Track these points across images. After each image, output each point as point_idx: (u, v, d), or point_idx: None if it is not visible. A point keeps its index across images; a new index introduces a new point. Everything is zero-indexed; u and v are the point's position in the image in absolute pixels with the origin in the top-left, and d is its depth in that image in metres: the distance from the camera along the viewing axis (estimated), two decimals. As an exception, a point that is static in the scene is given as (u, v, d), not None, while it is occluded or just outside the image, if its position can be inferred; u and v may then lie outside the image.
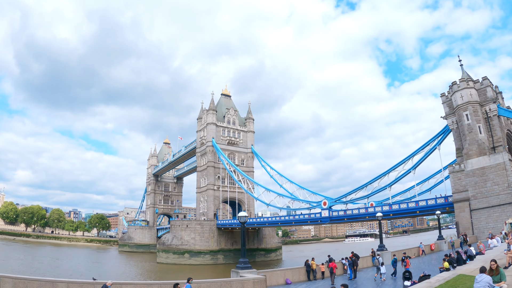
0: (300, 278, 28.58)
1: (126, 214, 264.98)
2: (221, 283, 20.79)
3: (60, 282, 18.85)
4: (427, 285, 16.97)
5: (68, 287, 18.74)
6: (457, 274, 18.40)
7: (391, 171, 67.10)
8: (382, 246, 37.99)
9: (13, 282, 18.43)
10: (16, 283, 18.49)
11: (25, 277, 19.46)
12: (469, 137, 53.14)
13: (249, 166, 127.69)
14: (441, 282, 17.05)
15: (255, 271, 23.65)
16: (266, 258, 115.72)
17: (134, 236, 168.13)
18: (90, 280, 20.05)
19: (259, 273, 23.53)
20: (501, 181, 48.27)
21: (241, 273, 22.85)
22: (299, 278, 28.40)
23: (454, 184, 53.78)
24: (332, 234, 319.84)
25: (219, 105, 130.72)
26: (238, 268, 23.99)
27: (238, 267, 24.20)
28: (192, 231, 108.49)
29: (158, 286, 20.83)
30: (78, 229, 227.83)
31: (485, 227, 47.84)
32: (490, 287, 10.49)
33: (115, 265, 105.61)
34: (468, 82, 54.56)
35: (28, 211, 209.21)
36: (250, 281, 21.00)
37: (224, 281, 21.16)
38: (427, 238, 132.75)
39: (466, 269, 19.92)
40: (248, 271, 23.26)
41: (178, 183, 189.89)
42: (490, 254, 24.54)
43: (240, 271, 23.16)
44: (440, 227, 53.59)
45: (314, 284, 27.11)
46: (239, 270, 23.54)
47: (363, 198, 71.55)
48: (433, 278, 18.53)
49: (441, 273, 19.89)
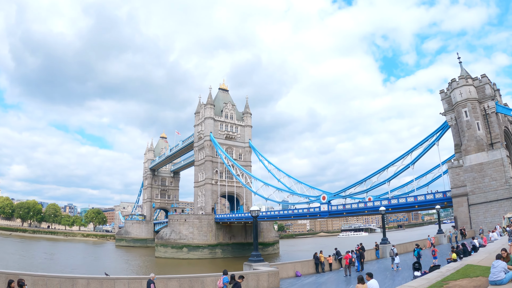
0: (309, 271, 29.38)
1: (123, 208, 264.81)
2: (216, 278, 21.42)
3: (80, 278, 19.30)
4: (438, 274, 17.68)
5: (88, 283, 19.14)
6: (465, 264, 19.11)
7: (390, 166, 68.08)
8: (385, 240, 38.94)
9: (32, 280, 18.63)
10: (36, 281, 18.70)
11: (44, 274, 19.69)
12: (468, 134, 54.14)
13: (247, 160, 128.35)
14: (452, 271, 17.78)
15: (267, 264, 24.39)
16: (264, 252, 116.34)
17: (131, 230, 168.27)
18: (111, 276, 20.52)
19: (271, 266, 24.24)
20: (498, 177, 49.38)
21: (254, 266, 23.53)
22: (308, 270, 29.19)
23: (453, 179, 54.87)
24: (327, 228, 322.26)
25: (216, 99, 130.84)
26: (251, 261, 24.69)
27: (250, 260, 24.88)
28: (191, 225, 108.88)
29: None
30: (74, 224, 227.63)
31: (483, 221, 49.00)
32: (505, 271, 11.35)
33: (114, 260, 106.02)
34: (467, 79, 55.47)
35: (24, 206, 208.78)
36: (265, 274, 21.75)
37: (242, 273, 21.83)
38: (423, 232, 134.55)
39: (473, 259, 20.67)
40: (260, 264, 23.97)
41: (175, 177, 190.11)
42: (491, 246, 25.77)
43: (253, 264, 23.86)
44: (440, 221, 54.78)
45: (323, 276, 27.93)
46: (252, 263, 24.24)
47: (361, 193, 72.55)
48: (443, 268, 19.27)
49: (450, 264, 20.72)
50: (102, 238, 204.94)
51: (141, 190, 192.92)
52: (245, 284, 21.10)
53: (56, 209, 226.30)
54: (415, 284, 15.71)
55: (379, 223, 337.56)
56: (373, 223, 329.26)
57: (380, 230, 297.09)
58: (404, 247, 41.02)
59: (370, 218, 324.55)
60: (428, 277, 17.32)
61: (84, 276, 19.74)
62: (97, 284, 19.09)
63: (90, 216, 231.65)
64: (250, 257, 25.26)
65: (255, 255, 24.97)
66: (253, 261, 24.55)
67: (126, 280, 19.82)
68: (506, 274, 11.26)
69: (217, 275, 19.81)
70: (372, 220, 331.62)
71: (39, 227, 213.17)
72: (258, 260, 24.52)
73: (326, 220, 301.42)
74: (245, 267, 25.12)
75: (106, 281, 19.42)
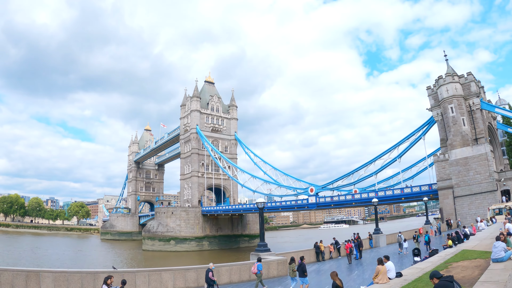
0: (311, 259, 30.61)
1: (106, 201, 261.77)
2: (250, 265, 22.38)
3: (101, 272, 19.71)
4: (440, 258, 19.16)
5: None
6: (461, 250, 20.71)
7: (377, 159, 69.94)
8: (378, 230, 40.74)
9: (53, 276, 19.00)
10: (57, 277, 19.04)
11: (65, 270, 20.13)
12: (454, 129, 56.21)
13: (233, 153, 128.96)
14: (451, 255, 19.33)
15: (273, 254, 25.43)
16: (250, 244, 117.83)
17: (116, 224, 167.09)
18: (131, 269, 21.03)
19: (277, 255, 25.26)
20: (483, 171, 51.67)
21: (262, 255, 24.43)
22: (309, 259, 30.36)
23: (439, 172, 57.01)
24: (310, 220, 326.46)
25: (202, 92, 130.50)
26: (258, 251, 25.68)
27: (257, 250, 25.91)
28: (178, 218, 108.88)
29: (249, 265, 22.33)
30: (58, 218, 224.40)
31: (468, 213, 51.26)
32: (505, 250, 13.20)
33: (101, 253, 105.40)
34: (453, 76, 57.41)
35: (6, 201, 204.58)
36: (274, 262, 22.88)
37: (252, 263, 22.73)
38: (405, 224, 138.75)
39: (467, 245, 22.38)
40: (267, 254, 24.99)
41: (159, 170, 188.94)
42: (480, 234, 28.43)
43: (261, 254, 24.79)
44: (427, 213, 57.06)
45: (324, 264, 29.21)
46: (260, 253, 25.18)
47: (349, 185, 74.32)
48: (442, 253, 20.85)
49: (446, 250, 22.58)
50: (86, 232, 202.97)
51: (126, 183, 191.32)
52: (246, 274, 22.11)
53: (39, 203, 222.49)
54: (423, 266, 17.14)
55: (361, 215, 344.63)
56: (356, 215, 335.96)
57: (362, 222, 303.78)
58: (394, 237, 42.95)
59: (352, 211, 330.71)
60: (431, 260, 18.84)
61: (105, 271, 20.27)
62: (118, 278, 19.41)
63: (73, 210, 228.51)
64: (257, 247, 26.28)
65: (262, 245, 25.99)
66: (260, 251, 25.57)
67: (146, 273, 20.49)
68: (505, 252, 13.12)
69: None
70: (354, 213, 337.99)
71: (22, 222, 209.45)
72: (265, 250, 25.56)
73: (309, 212, 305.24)
74: (252, 257, 26.03)
75: (127, 274, 19.97)
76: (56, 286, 18.78)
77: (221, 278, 21.65)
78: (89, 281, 19.23)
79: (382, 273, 13.66)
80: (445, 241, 26.42)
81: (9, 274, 18.37)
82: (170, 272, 20.75)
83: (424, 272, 15.68)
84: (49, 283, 18.69)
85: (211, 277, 18.96)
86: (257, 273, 20.32)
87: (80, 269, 20.36)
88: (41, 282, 18.61)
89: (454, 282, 8.18)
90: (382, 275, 13.63)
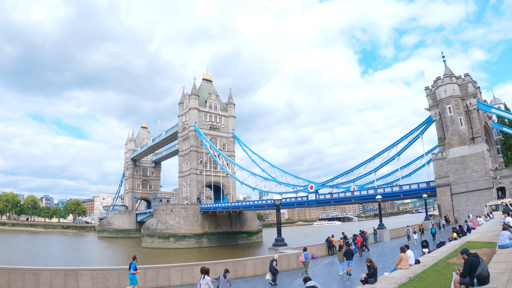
0: (323, 253, 32.25)
1: (102, 199, 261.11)
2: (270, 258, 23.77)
3: (138, 269, 20.77)
4: (448, 248, 20.98)
5: (145, 273, 20.80)
6: (465, 241, 22.46)
7: (376, 157, 71.82)
8: (382, 225, 42.56)
9: (91, 274, 19.83)
10: (95, 275, 19.88)
11: (103, 267, 21.18)
12: (451, 128, 58.21)
13: (231, 150, 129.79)
14: (457, 246, 21.16)
15: (290, 247, 26.92)
16: (248, 241, 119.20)
17: (114, 221, 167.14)
18: (165, 265, 22.18)
19: (293, 249, 26.77)
20: (479, 169, 53.79)
21: (280, 249, 25.93)
22: (322, 253, 32.02)
23: (437, 170, 59.00)
24: (305, 217, 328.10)
25: (200, 90, 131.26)
26: (276, 245, 27.13)
27: (275, 244, 27.36)
28: (177, 215, 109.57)
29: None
30: (54, 216, 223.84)
31: (465, 209, 53.29)
32: (510, 238, 15.35)
33: (101, 251, 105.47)
34: (451, 77, 59.41)
35: (2, 199, 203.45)
36: (294, 255, 24.48)
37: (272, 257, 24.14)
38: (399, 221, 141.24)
39: (470, 238, 24.24)
40: (285, 248, 26.50)
41: (156, 168, 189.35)
42: (481, 228, 30.60)
43: (279, 248, 26.29)
44: (426, 209, 59.09)
45: (335, 257, 30.75)
46: (277, 247, 26.67)
47: (348, 183, 76.08)
48: (449, 244, 22.66)
49: (452, 241, 24.52)
50: (83, 230, 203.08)
51: (122, 181, 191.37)
52: (277, 265, 23.58)
53: (35, 201, 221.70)
54: (436, 254, 18.97)
55: (356, 212, 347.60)
56: (350, 212, 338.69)
57: (357, 219, 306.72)
58: (397, 232, 44.87)
59: (347, 208, 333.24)
60: (441, 250, 20.64)
61: (142, 267, 21.07)
62: (153, 274, 20.94)
63: (69, 208, 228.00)
64: (275, 242, 27.71)
65: (279, 239, 27.46)
66: (278, 245, 27.04)
67: (180, 267, 21.76)
68: (510, 240, 15.33)
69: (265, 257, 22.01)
70: (349, 210, 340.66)
71: (18, 220, 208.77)
72: (283, 244, 27.06)
73: (304, 209, 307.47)
74: (270, 251, 27.45)
75: (162, 269, 21.29)
76: (94, 283, 19.56)
77: (247, 271, 23.07)
78: (126, 277, 19.90)
79: (404, 259, 15.25)
80: (450, 234, 28.16)
81: (47, 273, 18.98)
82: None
83: (438, 259, 17.40)
84: (87, 281, 19.42)
85: (275, 266, 20.72)
86: (304, 261, 22.56)
87: (117, 266, 21.48)
88: (79, 280, 19.34)
89: (479, 258, 9.79)
90: (404, 262, 15.21)
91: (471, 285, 9.56)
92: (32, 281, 18.37)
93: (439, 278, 12.83)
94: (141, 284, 20.31)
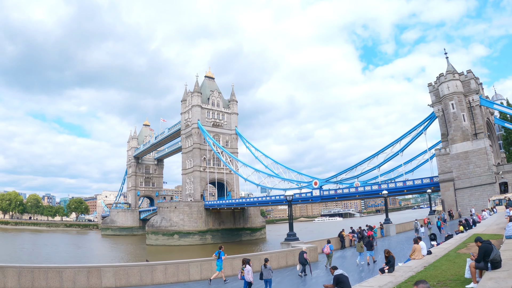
0: (336, 246, 32.99)
1: (105, 197, 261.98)
2: (287, 252, 24.77)
3: (158, 264, 21.62)
4: (456, 240, 21.92)
5: (166, 268, 21.48)
6: (472, 234, 23.32)
7: (380, 153, 72.68)
8: (388, 220, 43.60)
9: (113, 271, 20.29)
10: (117, 271, 20.35)
11: (125, 264, 21.83)
12: (454, 124, 59.06)
13: (234, 147, 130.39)
14: (465, 238, 22.13)
15: (302, 242, 27.79)
16: (252, 237, 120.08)
17: (117, 219, 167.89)
18: (184, 260, 22.92)
19: (305, 243, 27.66)
20: (482, 164, 54.68)
21: (292, 244, 26.82)
22: (335, 246, 32.77)
23: (440, 166, 59.89)
24: (307, 213, 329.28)
25: (203, 87, 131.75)
26: (287, 240, 28.02)
27: (287, 239, 28.25)
28: (181, 212, 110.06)
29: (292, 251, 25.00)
30: (56, 214, 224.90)
31: (468, 204, 54.19)
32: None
33: (107, 249, 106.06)
34: (454, 74, 60.20)
35: (5, 198, 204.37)
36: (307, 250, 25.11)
37: (289, 251, 25.13)
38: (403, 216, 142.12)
39: (476, 230, 25.14)
40: (297, 242, 27.38)
41: (158, 165, 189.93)
42: (485, 222, 31.92)
43: (291, 242, 27.17)
44: (431, 204, 59.86)
45: (346, 251, 31.72)
46: (290, 242, 27.57)
47: (352, 178, 76.96)
48: (456, 237, 23.61)
49: (459, 234, 25.41)
50: (85, 228, 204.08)
51: (125, 178, 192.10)
52: (291, 259, 24.48)
53: (38, 200, 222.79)
54: (445, 246, 19.88)
55: (357, 208, 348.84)
56: (352, 208, 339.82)
57: (359, 215, 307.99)
58: (402, 227, 45.89)
59: (349, 203, 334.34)
60: (450, 242, 21.59)
61: (161, 263, 21.99)
62: (173, 269, 21.53)
63: (72, 206, 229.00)
64: (287, 237, 28.58)
65: (291, 234, 28.32)
66: (290, 240, 27.91)
67: (199, 263, 22.50)
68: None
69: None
70: (351, 205, 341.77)
71: (21, 219, 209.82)
72: (295, 238, 27.93)
73: (306, 205, 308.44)
74: (282, 246, 28.33)
75: (182, 264, 21.95)
76: (116, 279, 20.02)
77: (272, 264, 23.85)
78: (147, 273, 20.79)
79: (418, 250, 16.13)
80: (457, 227, 29.08)
81: (70, 271, 19.38)
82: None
83: (448, 250, 18.33)
84: (110, 277, 19.87)
85: (306, 258, 21.77)
86: (329, 253, 24.06)
87: (139, 263, 22.13)
88: (102, 276, 19.75)
89: (492, 245, 10.67)
90: (418, 252, 16.09)
91: (485, 269, 10.41)
92: (56, 279, 18.80)
93: (452, 266, 13.73)
94: (162, 279, 21.08)
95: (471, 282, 10.47)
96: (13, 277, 18.23)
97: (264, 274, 17.16)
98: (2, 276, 18.10)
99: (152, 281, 20.82)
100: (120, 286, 20.05)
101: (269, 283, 17.18)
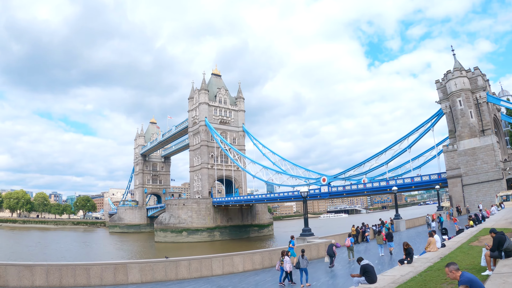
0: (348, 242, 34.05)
1: (112, 195, 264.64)
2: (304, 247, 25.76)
3: (182, 260, 22.48)
4: (467, 234, 22.92)
5: (189, 264, 22.31)
6: (482, 228, 24.29)
7: (388, 150, 73.54)
8: (398, 215, 44.63)
9: (139, 267, 21.11)
10: (143, 267, 21.13)
11: (150, 260, 22.56)
12: (462, 121, 59.79)
13: (241, 144, 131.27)
14: (475, 232, 23.03)
15: (317, 237, 28.85)
16: (260, 234, 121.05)
17: (124, 216, 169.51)
18: (207, 255, 23.88)
19: (320, 238, 28.72)
20: (489, 160, 55.44)
21: (308, 239, 27.91)
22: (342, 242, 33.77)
23: (448, 162, 60.67)
24: (313, 210, 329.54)
25: (210, 84, 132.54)
26: (302, 235, 29.10)
27: (302, 234, 29.32)
28: (189, 209, 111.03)
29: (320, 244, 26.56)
30: (64, 212, 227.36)
31: (475, 200, 54.98)
32: None
33: (116, 246, 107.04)
34: (461, 71, 60.86)
35: (13, 197, 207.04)
36: (322, 244, 26.44)
37: (305, 246, 26.14)
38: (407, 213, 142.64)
39: (485, 225, 26.04)
40: (312, 237, 28.45)
41: (165, 163, 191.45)
42: (494, 217, 32.78)
43: (307, 238, 28.26)
44: (439, 200, 60.78)
45: (358, 246, 32.70)
46: (305, 237, 28.65)
47: (361, 175, 77.80)
48: (467, 231, 24.55)
49: (469, 229, 26.26)
50: (93, 226, 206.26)
51: (132, 176, 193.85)
52: (308, 253, 25.52)
53: (45, 198, 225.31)
54: (458, 239, 20.91)
55: (364, 204, 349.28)
56: (358, 205, 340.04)
57: (365, 211, 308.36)
58: (412, 222, 46.96)
59: (355, 200, 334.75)
60: (462, 236, 22.64)
61: (185, 258, 22.85)
62: (197, 264, 22.41)
63: (79, 204, 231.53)
64: (302, 232, 29.68)
65: (306, 230, 29.42)
66: (306, 235, 29.01)
67: (221, 258, 23.41)
68: None
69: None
70: (357, 202, 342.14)
71: (29, 217, 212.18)
72: (310, 234, 29.03)
73: (312, 202, 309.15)
74: (298, 241, 29.38)
75: (205, 260, 22.83)
76: (142, 275, 20.76)
77: None
78: (172, 269, 21.58)
79: (433, 243, 17.16)
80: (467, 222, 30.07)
81: (97, 268, 20.11)
82: (240, 256, 23.82)
83: (461, 243, 19.31)
84: (136, 274, 20.63)
85: (334, 251, 23.18)
86: (350, 245, 25.60)
87: (163, 259, 22.73)
88: (128, 273, 20.49)
89: (505, 235, 11.68)
90: (433, 245, 17.12)
91: (499, 258, 11.45)
92: (83, 276, 19.50)
93: (467, 257, 14.73)
94: (186, 274, 21.92)
95: (486, 270, 11.48)
96: (41, 275, 18.76)
97: (301, 263, 18.38)
98: (30, 274, 18.70)
99: (177, 276, 21.50)
100: (146, 281, 20.73)
101: (305, 272, 18.44)
